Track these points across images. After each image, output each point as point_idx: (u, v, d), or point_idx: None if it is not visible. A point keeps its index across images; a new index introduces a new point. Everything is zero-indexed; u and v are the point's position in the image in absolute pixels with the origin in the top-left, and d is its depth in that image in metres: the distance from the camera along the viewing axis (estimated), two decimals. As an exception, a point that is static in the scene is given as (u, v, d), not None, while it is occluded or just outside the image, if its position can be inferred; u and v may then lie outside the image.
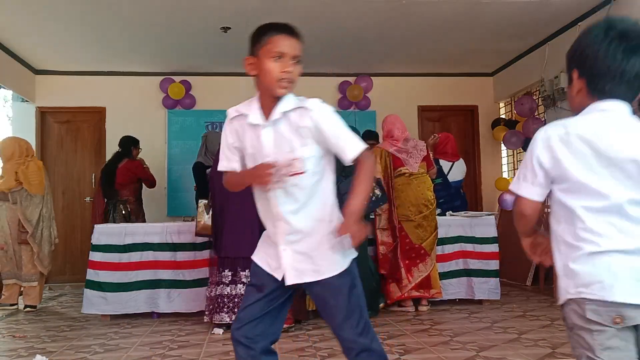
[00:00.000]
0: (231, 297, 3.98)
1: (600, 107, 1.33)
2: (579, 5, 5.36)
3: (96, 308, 4.46)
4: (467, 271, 4.92)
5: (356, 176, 1.75)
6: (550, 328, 3.85)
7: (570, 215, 1.31)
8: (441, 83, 7.63)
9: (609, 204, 1.26)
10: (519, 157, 7.40)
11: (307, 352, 3.33)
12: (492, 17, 5.61)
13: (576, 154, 1.29)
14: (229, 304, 3.98)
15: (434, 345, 3.40)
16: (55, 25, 5.64)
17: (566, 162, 1.29)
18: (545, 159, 1.32)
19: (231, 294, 3.99)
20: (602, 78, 1.31)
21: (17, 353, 3.48)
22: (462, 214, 5.09)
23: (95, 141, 7.16)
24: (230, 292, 4.01)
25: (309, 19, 5.55)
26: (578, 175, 1.28)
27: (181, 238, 4.58)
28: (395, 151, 4.68)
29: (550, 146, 1.32)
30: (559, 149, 1.30)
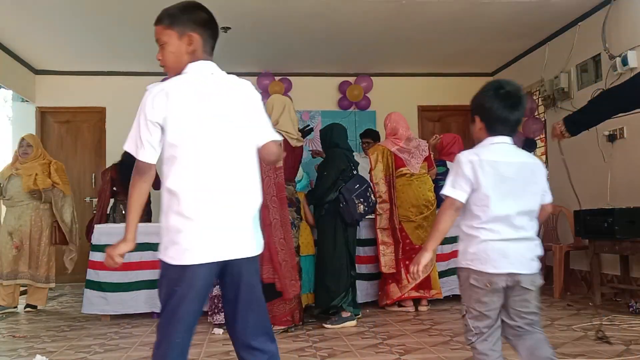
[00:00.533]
0: None
1: (494, 141, 1.99)
2: (579, 5, 5.37)
3: (96, 308, 4.46)
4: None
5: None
6: (550, 328, 3.85)
7: (472, 215, 1.94)
8: (441, 83, 7.63)
9: (502, 214, 1.89)
10: (519, 157, 7.40)
11: (307, 352, 3.33)
12: (492, 17, 5.61)
13: (485, 174, 1.91)
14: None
15: (434, 345, 3.40)
16: (55, 25, 5.64)
17: (481, 178, 1.90)
18: (470, 175, 1.91)
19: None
20: (495, 123, 1.98)
21: (17, 353, 3.48)
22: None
23: (95, 141, 7.17)
24: None
25: (309, 18, 5.56)
26: (486, 188, 1.90)
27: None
28: (397, 150, 4.67)
29: (473, 167, 1.91)
30: (477, 169, 1.91)
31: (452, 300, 4.95)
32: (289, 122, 4.00)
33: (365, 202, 4.23)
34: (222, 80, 1.82)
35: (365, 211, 4.25)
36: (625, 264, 4.81)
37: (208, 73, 1.79)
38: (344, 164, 4.29)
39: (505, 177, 1.92)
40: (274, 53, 6.67)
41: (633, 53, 4.83)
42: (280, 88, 7.17)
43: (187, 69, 1.77)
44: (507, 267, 1.89)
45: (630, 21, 4.94)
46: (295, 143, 4.02)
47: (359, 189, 4.22)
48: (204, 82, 1.75)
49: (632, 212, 4.34)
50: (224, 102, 1.76)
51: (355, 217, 4.21)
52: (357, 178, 4.31)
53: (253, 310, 1.75)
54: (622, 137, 5.01)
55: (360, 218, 4.29)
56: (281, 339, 3.69)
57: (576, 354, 3.12)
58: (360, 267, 4.66)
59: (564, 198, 5.98)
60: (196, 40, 1.78)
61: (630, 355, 3.07)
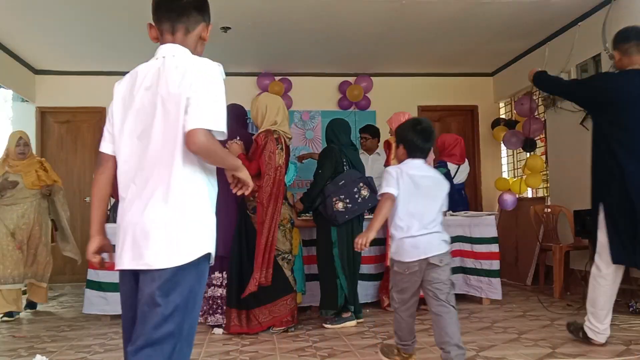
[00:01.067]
0: (224, 298, 4.01)
1: (413, 162, 2.78)
2: (579, 5, 5.36)
3: (96, 308, 4.46)
4: (465, 269, 4.93)
5: None
6: (550, 328, 3.85)
7: (394, 215, 2.71)
8: (441, 83, 7.63)
9: (416, 212, 2.69)
10: (518, 157, 7.41)
11: (307, 352, 3.33)
12: (492, 17, 5.61)
13: (404, 182, 2.69)
14: (223, 305, 4.00)
15: (434, 345, 3.39)
16: (55, 25, 5.64)
17: (401, 184, 2.69)
18: (395, 180, 2.69)
19: (223, 295, 4.01)
20: (413, 150, 2.78)
21: (17, 353, 3.48)
22: (462, 214, 5.09)
23: (95, 141, 7.15)
24: (222, 293, 4.01)
25: (309, 18, 5.55)
26: (404, 192, 2.68)
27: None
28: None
29: (397, 176, 2.70)
30: (399, 177, 2.69)
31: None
32: (286, 121, 4.03)
33: (347, 199, 4.01)
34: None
35: (347, 209, 4.02)
36: (625, 264, 4.80)
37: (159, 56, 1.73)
38: (336, 160, 4.17)
39: (419, 186, 2.70)
40: (274, 53, 6.67)
41: (633, 53, 4.82)
42: (280, 88, 7.17)
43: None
44: (418, 255, 2.65)
45: (630, 21, 4.92)
46: (290, 142, 4.09)
47: (342, 186, 4.04)
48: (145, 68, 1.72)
49: (632, 212, 4.33)
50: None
51: (331, 215, 3.99)
52: (346, 174, 4.13)
53: (139, 321, 1.62)
54: (622, 137, 5.00)
55: (338, 216, 4.02)
56: (281, 339, 3.69)
57: (576, 354, 3.12)
58: (360, 267, 4.65)
59: (564, 198, 5.99)
60: (153, 28, 1.81)
61: (630, 355, 3.07)
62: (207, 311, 4.04)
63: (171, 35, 1.75)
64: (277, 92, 7.19)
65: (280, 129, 3.89)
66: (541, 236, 5.96)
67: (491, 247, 4.92)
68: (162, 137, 1.62)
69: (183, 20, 1.75)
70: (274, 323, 3.84)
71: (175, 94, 1.60)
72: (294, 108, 7.34)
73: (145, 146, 1.62)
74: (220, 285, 4.05)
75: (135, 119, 1.66)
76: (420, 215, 2.66)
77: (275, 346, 3.48)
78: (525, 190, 6.80)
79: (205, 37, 1.83)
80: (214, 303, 4.02)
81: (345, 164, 4.23)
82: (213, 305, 4.03)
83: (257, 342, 3.60)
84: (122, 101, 1.71)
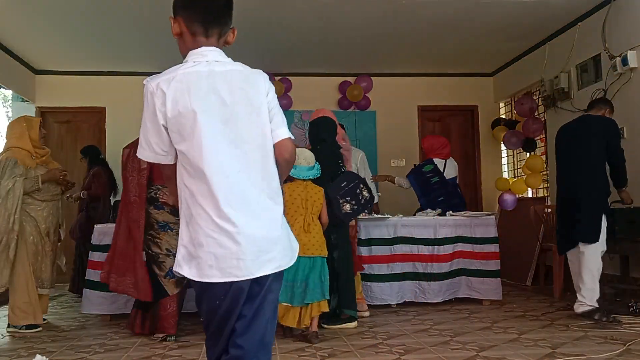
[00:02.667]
0: None
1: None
2: (579, 5, 5.37)
3: (96, 308, 4.45)
4: (466, 271, 4.92)
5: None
6: (550, 328, 3.85)
7: None
8: (441, 83, 7.63)
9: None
10: (519, 157, 7.40)
11: (307, 352, 3.33)
12: (492, 17, 5.61)
13: None
14: None
15: (434, 345, 3.40)
16: (55, 25, 5.64)
17: None
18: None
19: None
20: None
21: (17, 353, 3.48)
22: (462, 213, 5.09)
23: (95, 141, 7.14)
24: None
25: (309, 18, 5.56)
26: None
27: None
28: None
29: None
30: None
31: (452, 301, 4.95)
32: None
33: (353, 200, 3.98)
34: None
35: (354, 210, 3.98)
36: (625, 264, 4.81)
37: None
38: (332, 160, 4.09)
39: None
40: (274, 53, 6.67)
41: (633, 53, 4.83)
42: (280, 88, 7.18)
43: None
44: None
45: (630, 21, 4.94)
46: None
47: (345, 187, 3.98)
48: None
49: (632, 212, 4.34)
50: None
51: (339, 217, 3.94)
52: (346, 175, 4.07)
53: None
54: (622, 137, 5.00)
55: (345, 218, 3.98)
56: (281, 338, 3.69)
57: (576, 354, 3.12)
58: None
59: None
60: (179, 22, 1.66)
61: (630, 355, 3.07)
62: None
63: (205, 38, 1.64)
64: (277, 92, 7.13)
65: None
66: (541, 236, 5.96)
67: (491, 247, 4.92)
68: (255, 144, 1.60)
69: (221, 24, 1.66)
70: (157, 328, 3.77)
71: (263, 101, 1.62)
72: (294, 108, 7.35)
73: (245, 153, 1.57)
74: None
75: (227, 126, 1.55)
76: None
77: (276, 346, 3.48)
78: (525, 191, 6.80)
79: (231, 42, 1.73)
80: None
81: (341, 164, 4.17)
82: None
83: (257, 342, 3.60)
84: (194, 107, 1.53)
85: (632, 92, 4.93)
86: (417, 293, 4.81)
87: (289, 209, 3.61)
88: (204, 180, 1.50)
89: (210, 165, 1.50)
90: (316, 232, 3.67)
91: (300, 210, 3.65)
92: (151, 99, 1.55)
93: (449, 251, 4.89)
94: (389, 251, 4.80)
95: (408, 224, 4.89)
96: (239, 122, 1.56)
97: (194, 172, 1.52)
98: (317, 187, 3.76)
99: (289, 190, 3.65)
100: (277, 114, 1.66)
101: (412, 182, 5.50)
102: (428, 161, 5.48)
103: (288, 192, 3.64)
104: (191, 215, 1.53)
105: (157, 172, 3.80)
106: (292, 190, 3.67)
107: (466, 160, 7.68)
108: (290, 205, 3.62)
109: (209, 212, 1.50)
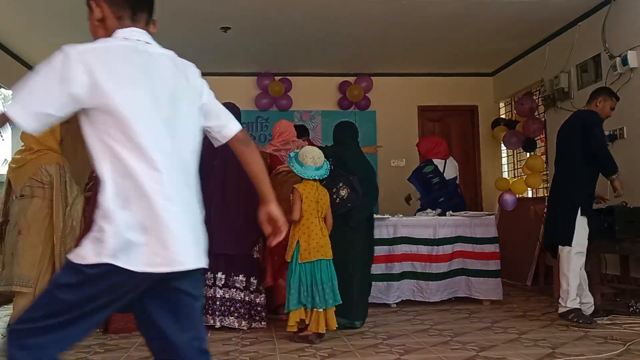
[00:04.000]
0: (224, 300, 3.93)
1: None
2: (579, 5, 5.37)
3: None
4: (466, 271, 4.92)
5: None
6: (550, 328, 3.85)
7: None
8: (441, 83, 7.63)
9: None
10: (519, 157, 7.40)
11: (307, 352, 3.33)
12: (492, 17, 5.61)
13: None
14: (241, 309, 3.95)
15: (434, 345, 3.40)
16: (55, 25, 5.64)
17: None
18: None
19: (224, 297, 3.93)
20: None
21: (17, 353, 3.48)
22: (462, 214, 5.09)
23: (95, 141, 7.17)
24: (231, 295, 3.96)
25: (309, 19, 5.56)
26: None
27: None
28: (273, 151, 4.54)
29: None
30: None
31: (452, 300, 4.95)
32: None
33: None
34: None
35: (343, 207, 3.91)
36: (625, 264, 4.81)
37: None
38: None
39: None
40: (274, 53, 6.67)
41: (633, 53, 4.83)
42: (280, 88, 7.17)
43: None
44: None
45: (630, 21, 4.94)
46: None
47: (326, 186, 3.90)
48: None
49: (632, 212, 4.34)
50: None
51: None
52: (331, 174, 3.89)
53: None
54: (622, 137, 5.01)
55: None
56: (281, 338, 3.69)
57: (576, 354, 3.12)
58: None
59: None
60: (101, 7, 1.54)
61: (630, 355, 3.07)
62: (223, 312, 3.93)
63: (132, 22, 1.54)
64: (277, 92, 7.19)
65: None
66: (541, 236, 5.96)
67: (491, 247, 4.92)
68: (191, 132, 1.54)
69: (149, 9, 1.59)
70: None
71: (195, 86, 1.59)
72: (294, 108, 7.35)
73: (174, 138, 1.47)
74: (222, 286, 3.93)
75: (164, 106, 1.47)
76: None
77: (275, 346, 3.48)
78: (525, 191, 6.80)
79: (153, 32, 1.61)
80: (213, 303, 3.96)
81: (331, 163, 4.03)
82: (224, 307, 3.93)
83: (257, 342, 3.60)
84: (134, 77, 1.44)
85: (632, 92, 4.92)
86: (414, 292, 4.82)
87: (305, 211, 3.59)
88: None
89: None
90: (326, 234, 3.65)
91: (315, 213, 3.62)
92: (66, 65, 1.36)
93: (448, 251, 4.89)
94: (388, 251, 4.80)
95: (408, 224, 4.90)
96: (175, 109, 1.49)
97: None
98: (324, 189, 3.74)
99: (304, 192, 3.62)
100: (222, 109, 1.65)
101: (414, 183, 5.50)
102: (428, 162, 5.49)
103: (304, 194, 3.61)
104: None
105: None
106: (307, 192, 3.63)
107: (466, 160, 7.68)
108: (307, 207, 3.60)
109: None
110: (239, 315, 3.93)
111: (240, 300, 3.94)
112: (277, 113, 7.26)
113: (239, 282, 3.95)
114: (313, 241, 3.54)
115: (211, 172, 3.91)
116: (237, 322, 3.92)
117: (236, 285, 3.94)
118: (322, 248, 3.54)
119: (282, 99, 7.26)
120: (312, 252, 3.52)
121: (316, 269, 3.53)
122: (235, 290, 3.94)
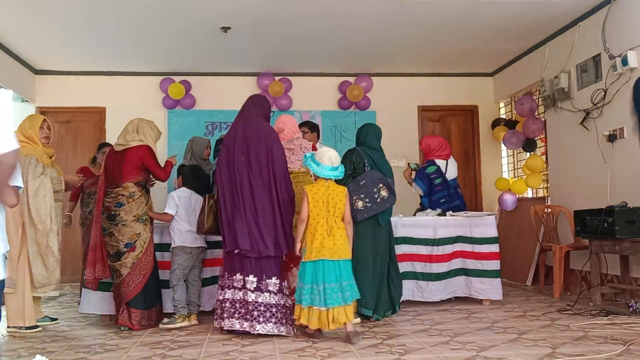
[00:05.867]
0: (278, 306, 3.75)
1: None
2: (579, 5, 5.37)
3: (93, 307, 4.45)
4: (467, 271, 4.92)
5: None
6: (550, 328, 3.85)
7: None
8: (441, 83, 7.63)
9: None
10: (519, 157, 7.40)
11: (307, 352, 3.33)
12: (492, 17, 5.61)
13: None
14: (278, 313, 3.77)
15: (434, 345, 3.40)
16: (55, 25, 5.64)
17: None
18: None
19: (256, 301, 3.72)
20: None
21: (17, 353, 3.48)
22: (462, 214, 5.09)
23: (95, 141, 7.15)
24: (253, 298, 3.74)
25: (309, 18, 5.56)
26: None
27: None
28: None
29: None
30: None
31: (452, 300, 4.95)
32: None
33: (367, 198, 4.11)
34: None
35: (366, 207, 4.09)
36: (625, 264, 4.81)
37: None
38: (356, 160, 4.30)
39: None
40: (274, 53, 6.67)
41: (633, 53, 4.82)
42: (280, 88, 7.17)
43: None
44: None
45: (630, 21, 4.94)
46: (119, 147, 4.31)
47: (363, 185, 4.14)
48: None
49: (632, 212, 4.35)
50: None
51: (352, 213, 3.94)
52: (367, 174, 4.23)
53: None
54: (622, 137, 5.01)
55: (358, 214, 4.05)
56: (281, 338, 3.69)
57: (576, 354, 3.12)
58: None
59: (564, 198, 5.99)
60: None
61: (630, 355, 3.07)
62: (220, 314, 3.82)
63: None
64: (277, 92, 7.19)
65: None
66: (541, 236, 5.96)
67: (491, 247, 4.92)
68: None
69: None
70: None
71: None
72: (294, 108, 7.34)
73: None
74: (254, 290, 3.72)
75: None
76: None
77: (275, 346, 3.48)
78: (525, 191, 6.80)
79: None
80: (266, 310, 3.73)
81: (367, 164, 4.31)
82: (231, 309, 3.77)
83: (257, 343, 3.60)
84: None
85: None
86: (414, 292, 4.82)
87: (311, 212, 3.61)
88: None
89: None
90: (340, 235, 3.62)
91: (322, 213, 3.61)
92: None
93: (448, 251, 4.89)
94: (387, 251, 4.80)
95: (408, 224, 4.90)
96: None
97: None
98: (339, 187, 3.74)
99: (311, 193, 3.63)
100: None
101: (420, 185, 5.46)
102: (430, 162, 5.47)
103: (310, 195, 3.62)
104: None
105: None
106: (314, 192, 3.64)
107: (466, 160, 7.69)
108: (313, 207, 3.61)
109: None
110: (277, 321, 3.71)
111: (275, 304, 3.73)
112: (277, 113, 7.23)
113: (272, 285, 3.75)
114: (316, 241, 3.56)
115: (242, 172, 3.79)
116: (276, 329, 3.69)
117: (269, 289, 3.74)
118: (324, 249, 3.54)
119: (282, 99, 7.26)
120: (315, 252, 3.55)
121: (318, 269, 3.54)
122: (269, 294, 3.73)
